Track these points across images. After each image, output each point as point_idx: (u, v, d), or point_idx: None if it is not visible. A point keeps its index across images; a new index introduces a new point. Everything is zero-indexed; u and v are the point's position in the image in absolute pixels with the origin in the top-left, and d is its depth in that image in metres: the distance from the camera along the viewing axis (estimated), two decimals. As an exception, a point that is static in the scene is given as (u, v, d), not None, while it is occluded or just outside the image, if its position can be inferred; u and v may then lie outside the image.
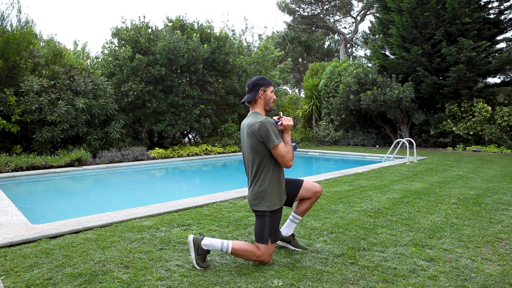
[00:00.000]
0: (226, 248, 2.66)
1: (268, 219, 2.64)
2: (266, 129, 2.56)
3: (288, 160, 2.62)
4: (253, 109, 2.77)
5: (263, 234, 2.64)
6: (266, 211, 2.64)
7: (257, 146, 2.63)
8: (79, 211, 5.26)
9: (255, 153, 2.65)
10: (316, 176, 6.70)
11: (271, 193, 2.64)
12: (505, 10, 13.39)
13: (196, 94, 11.61)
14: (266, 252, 2.65)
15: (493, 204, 4.63)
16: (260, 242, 2.65)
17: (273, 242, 2.66)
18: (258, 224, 2.67)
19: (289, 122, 2.72)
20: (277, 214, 2.69)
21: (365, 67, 14.67)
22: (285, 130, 2.73)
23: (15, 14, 13.43)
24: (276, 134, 2.58)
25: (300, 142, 15.84)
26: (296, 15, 29.44)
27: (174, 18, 12.85)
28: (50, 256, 2.83)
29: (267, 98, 2.76)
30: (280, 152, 2.58)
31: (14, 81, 8.83)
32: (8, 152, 8.77)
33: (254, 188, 2.68)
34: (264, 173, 2.65)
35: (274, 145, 2.56)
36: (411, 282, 2.42)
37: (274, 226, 2.67)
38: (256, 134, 2.60)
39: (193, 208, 4.37)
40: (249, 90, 2.76)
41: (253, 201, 2.68)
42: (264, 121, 2.58)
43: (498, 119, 12.55)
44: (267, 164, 2.65)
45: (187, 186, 8.19)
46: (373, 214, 4.10)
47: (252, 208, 2.71)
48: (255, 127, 2.59)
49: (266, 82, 2.76)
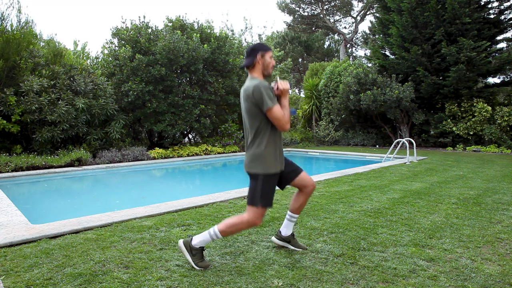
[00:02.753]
0: (215, 234, 2.65)
1: (261, 182, 2.62)
2: (260, 92, 2.54)
3: (284, 123, 2.60)
4: (251, 74, 2.75)
5: (254, 197, 2.63)
6: (260, 173, 2.62)
7: (253, 110, 2.61)
8: (79, 211, 5.26)
9: (252, 117, 2.63)
10: (316, 176, 6.70)
11: (267, 157, 2.63)
12: (505, 10, 13.39)
13: (196, 94, 11.61)
14: (256, 215, 2.63)
15: (493, 204, 4.63)
16: (251, 205, 2.64)
17: (264, 207, 2.64)
18: (252, 186, 2.66)
19: (285, 85, 2.70)
20: (271, 179, 2.66)
21: (365, 67, 14.67)
22: (282, 94, 2.71)
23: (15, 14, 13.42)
24: (270, 96, 2.56)
25: (300, 142, 15.83)
26: (296, 15, 29.42)
27: (174, 18, 12.84)
28: (50, 256, 2.83)
29: (266, 63, 2.73)
30: (275, 115, 2.56)
31: (14, 81, 8.83)
32: (8, 152, 8.77)
33: (250, 151, 2.67)
34: (260, 137, 2.64)
35: (268, 107, 2.54)
36: (411, 282, 2.42)
37: (267, 191, 2.65)
38: (250, 98, 2.58)
39: (193, 208, 4.37)
40: (248, 55, 2.74)
41: (249, 164, 2.67)
42: (257, 84, 2.56)
43: (498, 119, 12.55)
44: (264, 128, 2.64)
45: (187, 186, 8.19)
46: (373, 214, 4.10)
47: (247, 170, 2.69)
48: (250, 91, 2.58)
49: (264, 47, 2.74)
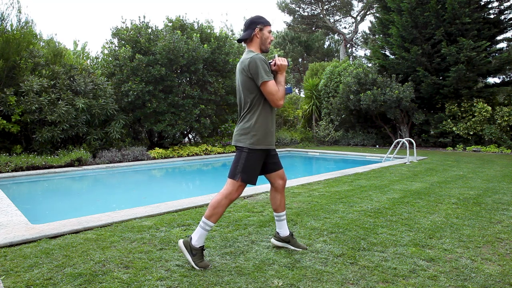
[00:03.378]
0: (205, 224, 2.64)
1: (245, 155, 2.60)
2: (256, 65, 2.50)
3: (277, 99, 2.56)
4: (248, 48, 2.71)
5: (236, 169, 2.61)
6: (245, 147, 2.59)
7: (247, 83, 2.57)
8: (79, 211, 5.26)
9: (246, 91, 2.60)
10: (316, 176, 6.70)
11: (257, 132, 2.59)
12: (505, 10, 13.38)
13: (196, 94, 11.61)
14: (234, 188, 2.61)
15: (493, 204, 4.63)
16: (231, 177, 2.62)
17: (243, 181, 2.61)
18: (235, 159, 2.64)
19: (283, 62, 2.66)
20: (256, 154, 2.62)
21: (365, 67, 14.67)
22: (279, 71, 2.67)
23: (15, 14, 13.42)
24: (266, 70, 2.52)
25: (300, 142, 15.83)
26: (296, 15, 29.42)
27: (174, 18, 12.84)
28: (50, 256, 2.83)
29: (264, 37, 2.69)
30: (269, 90, 2.52)
31: (14, 81, 8.83)
32: (8, 152, 8.77)
33: (240, 124, 2.65)
34: (253, 111, 2.60)
35: (263, 81, 2.50)
36: (411, 282, 2.42)
37: (250, 166, 2.60)
38: (246, 70, 2.55)
39: (193, 208, 4.37)
40: (246, 28, 2.69)
41: (237, 137, 2.65)
42: (254, 57, 2.52)
43: (498, 119, 12.55)
44: (257, 103, 2.60)
45: (187, 186, 8.19)
46: (373, 214, 4.10)
47: (234, 144, 2.67)
48: (245, 63, 2.55)
49: (263, 21, 2.70)
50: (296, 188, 5.56)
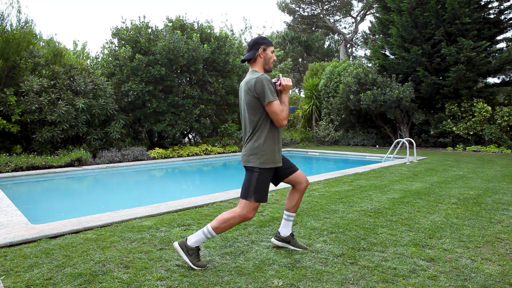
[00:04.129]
0: (209, 232, 2.65)
1: (256, 175, 2.61)
2: (262, 85, 2.53)
3: (281, 119, 2.59)
4: (252, 68, 2.75)
5: (248, 190, 2.62)
6: (256, 167, 2.61)
7: (253, 103, 2.60)
8: (79, 211, 5.26)
9: (252, 111, 2.62)
10: (316, 176, 6.70)
11: (265, 151, 2.62)
12: (505, 10, 13.39)
13: (196, 94, 11.61)
14: (248, 208, 2.62)
15: (493, 204, 4.63)
16: (244, 198, 2.63)
17: (256, 201, 2.63)
18: (246, 179, 2.65)
19: (288, 82, 2.70)
20: (266, 173, 2.65)
21: (365, 67, 14.67)
22: (284, 91, 2.71)
23: (15, 14, 13.43)
24: (271, 91, 2.56)
25: (300, 142, 15.83)
26: (296, 15, 29.42)
27: (174, 18, 12.84)
28: (50, 256, 2.83)
29: (267, 57, 2.73)
30: (274, 109, 2.56)
31: (14, 81, 8.83)
32: (8, 152, 8.77)
33: (248, 144, 2.66)
34: (259, 131, 2.63)
35: (269, 101, 2.53)
36: (411, 282, 2.42)
37: (261, 185, 2.63)
38: (252, 90, 2.57)
39: (193, 208, 4.37)
40: (250, 48, 2.73)
41: (246, 157, 2.66)
42: (260, 77, 2.56)
43: (498, 119, 12.55)
44: (264, 122, 2.63)
45: (187, 186, 8.19)
46: (373, 214, 4.10)
47: (244, 164, 2.68)
48: (251, 83, 2.57)
49: (266, 41, 2.74)
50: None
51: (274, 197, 4.94)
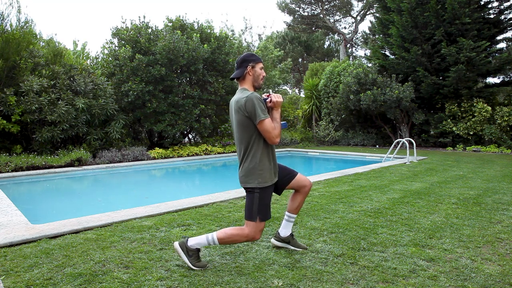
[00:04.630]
0: (213, 240, 2.65)
1: (257, 195, 2.61)
2: (252, 104, 2.52)
3: (273, 136, 2.58)
4: (241, 86, 2.74)
5: (252, 211, 2.62)
6: (255, 187, 2.61)
7: (244, 122, 2.59)
8: (79, 211, 5.26)
9: (243, 130, 2.62)
10: (316, 176, 6.70)
11: (262, 170, 2.62)
12: (505, 10, 13.38)
13: (196, 94, 11.61)
14: (255, 230, 2.62)
15: (493, 204, 4.63)
16: (249, 220, 2.63)
17: (262, 221, 2.63)
18: (248, 200, 2.65)
19: (278, 98, 2.69)
20: (267, 191, 2.65)
21: (365, 67, 14.67)
22: (275, 107, 2.70)
23: (15, 14, 13.42)
24: (262, 109, 2.55)
25: (300, 142, 15.83)
26: (296, 15, 29.42)
27: (174, 18, 12.85)
28: (50, 256, 2.83)
29: (256, 74, 2.72)
30: (266, 128, 2.55)
31: (14, 81, 8.83)
32: (8, 152, 8.77)
33: (245, 165, 2.65)
34: (254, 150, 2.62)
35: (260, 120, 2.52)
36: (411, 282, 2.42)
37: (264, 204, 2.63)
38: (242, 109, 2.56)
39: (193, 208, 4.37)
40: (238, 66, 2.73)
41: (244, 178, 2.66)
42: (250, 96, 2.55)
43: (498, 119, 12.55)
44: (256, 141, 2.62)
45: (187, 186, 8.19)
46: (373, 214, 4.10)
47: (243, 185, 2.68)
48: (242, 102, 2.56)
49: (255, 58, 2.72)
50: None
51: (274, 197, 4.94)
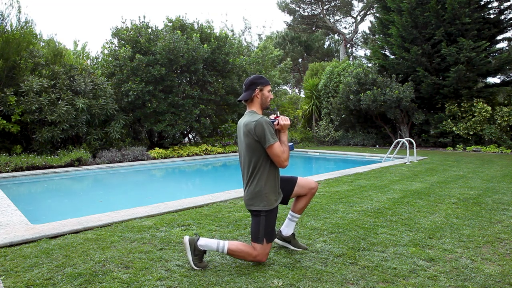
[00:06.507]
0: (222, 248, 2.65)
1: (263, 218, 2.63)
2: (262, 128, 2.54)
3: (283, 160, 2.60)
4: (249, 108, 2.76)
5: (258, 234, 2.64)
6: (261, 210, 2.63)
7: (253, 145, 2.61)
8: (79, 211, 5.26)
9: (251, 153, 2.63)
10: (316, 176, 6.70)
11: (267, 193, 2.63)
12: (505, 10, 13.39)
13: (196, 94, 11.61)
14: (262, 252, 2.65)
15: (493, 204, 4.63)
16: (256, 242, 2.64)
17: (268, 242, 2.66)
18: (254, 223, 2.66)
19: (286, 121, 2.71)
20: (272, 213, 2.68)
21: (365, 67, 14.67)
22: (282, 130, 2.71)
23: (15, 14, 13.42)
24: (272, 133, 2.57)
25: (300, 142, 15.83)
26: (296, 15, 29.42)
27: (174, 18, 12.85)
28: (50, 256, 2.83)
29: (264, 97, 2.75)
30: (276, 152, 2.57)
31: (14, 81, 8.83)
32: (8, 152, 8.77)
33: (250, 188, 2.67)
34: (260, 173, 2.64)
35: (270, 144, 2.54)
36: (411, 282, 2.42)
37: (270, 226, 2.66)
38: (252, 133, 2.58)
39: (193, 208, 4.37)
40: (246, 88, 2.75)
41: (249, 201, 2.67)
42: (260, 120, 2.56)
43: (498, 119, 12.55)
44: (263, 164, 2.64)
45: (187, 186, 8.19)
46: (373, 214, 4.10)
47: (248, 208, 2.70)
48: (251, 126, 2.58)
49: (263, 81, 2.75)
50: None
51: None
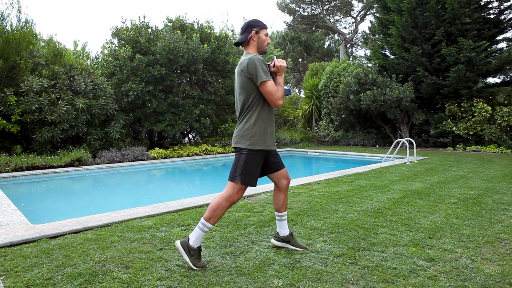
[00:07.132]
0: (204, 225, 2.63)
1: (244, 156, 2.59)
2: (254, 65, 2.51)
3: (276, 99, 2.56)
4: (246, 51, 2.73)
5: (235, 172, 2.61)
6: (244, 148, 2.59)
7: (246, 84, 2.57)
8: (79, 211, 5.26)
9: (244, 92, 2.60)
10: (316, 176, 6.70)
11: (255, 133, 2.59)
12: (505, 10, 13.38)
13: (196, 94, 11.61)
14: (234, 190, 2.61)
15: (493, 204, 4.63)
16: (231, 180, 2.62)
17: (243, 183, 2.61)
18: (234, 161, 2.64)
19: (282, 63, 2.67)
20: (255, 155, 2.62)
21: (365, 67, 14.67)
22: (278, 72, 2.68)
23: (15, 14, 13.44)
24: (265, 71, 2.53)
25: (300, 142, 15.83)
26: (296, 15, 29.41)
27: (174, 18, 12.85)
28: (50, 256, 2.83)
29: (260, 40, 2.71)
30: (268, 89, 2.53)
31: (14, 81, 8.83)
32: (8, 152, 8.77)
33: (239, 126, 2.64)
34: (251, 112, 2.60)
35: (262, 81, 2.50)
36: (411, 282, 2.42)
37: (248, 167, 2.60)
38: (244, 71, 2.55)
39: (193, 208, 4.37)
40: (242, 31, 2.72)
41: (236, 139, 2.64)
42: (252, 58, 2.53)
43: (498, 119, 12.55)
44: (256, 103, 2.60)
45: (187, 186, 8.19)
46: (373, 214, 4.10)
47: (234, 146, 2.66)
48: (244, 64, 2.56)
49: (259, 24, 2.71)
50: (296, 188, 5.56)
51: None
